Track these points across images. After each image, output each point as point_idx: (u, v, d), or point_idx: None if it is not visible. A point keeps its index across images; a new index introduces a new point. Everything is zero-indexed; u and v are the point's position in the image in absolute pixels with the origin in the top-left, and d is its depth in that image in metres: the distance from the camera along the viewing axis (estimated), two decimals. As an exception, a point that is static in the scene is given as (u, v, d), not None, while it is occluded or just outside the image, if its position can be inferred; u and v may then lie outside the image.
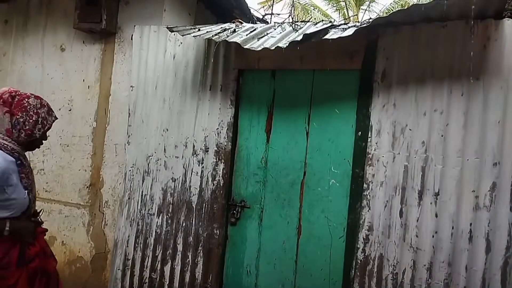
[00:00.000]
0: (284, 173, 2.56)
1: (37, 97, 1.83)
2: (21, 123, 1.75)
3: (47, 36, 3.35)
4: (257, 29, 2.37)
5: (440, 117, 2.15)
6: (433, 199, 2.15)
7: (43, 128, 1.82)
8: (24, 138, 1.77)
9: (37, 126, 1.79)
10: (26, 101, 1.77)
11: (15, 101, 1.75)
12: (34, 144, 1.86)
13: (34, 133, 1.78)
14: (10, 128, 1.74)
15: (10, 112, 1.73)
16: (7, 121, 1.73)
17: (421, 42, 2.21)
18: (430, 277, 2.14)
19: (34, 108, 1.78)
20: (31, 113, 1.77)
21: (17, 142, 1.76)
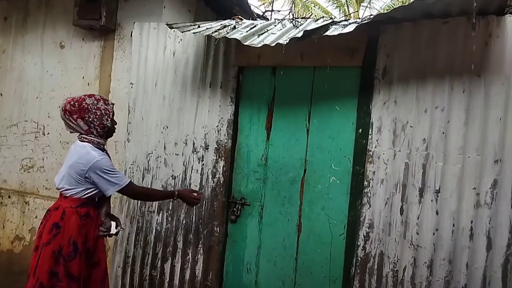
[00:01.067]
0: (285, 170, 2.56)
1: (90, 96, 2.15)
2: (92, 120, 2.10)
3: (46, 33, 3.34)
4: (257, 26, 2.35)
5: (441, 114, 2.14)
6: (434, 196, 2.14)
7: (109, 117, 2.17)
8: (101, 131, 2.14)
9: (104, 117, 2.14)
10: (85, 103, 2.10)
11: (77, 107, 2.09)
12: (110, 132, 2.23)
13: (105, 124, 2.15)
14: (87, 128, 2.10)
15: (80, 117, 2.09)
16: (83, 124, 2.10)
17: (422, 39, 2.19)
18: (430, 275, 2.14)
19: (93, 106, 2.11)
20: (94, 110, 2.11)
21: (99, 136, 2.14)
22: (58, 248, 2.04)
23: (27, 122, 3.40)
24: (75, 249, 2.06)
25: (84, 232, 2.11)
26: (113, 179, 2.08)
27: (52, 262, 2.02)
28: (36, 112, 3.36)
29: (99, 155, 2.07)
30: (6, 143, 3.48)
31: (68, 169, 2.08)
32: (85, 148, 2.08)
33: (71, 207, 2.08)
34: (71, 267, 2.05)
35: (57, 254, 2.04)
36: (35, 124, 3.37)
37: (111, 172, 2.08)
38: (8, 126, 3.48)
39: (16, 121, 3.45)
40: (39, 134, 3.35)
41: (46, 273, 2.02)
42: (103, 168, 2.05)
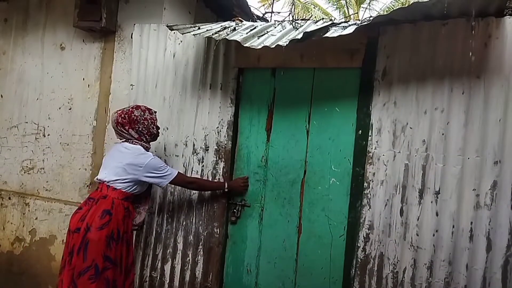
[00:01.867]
0: (285, 171, 2.56)
1: (137, 107, 2.44)
2: (142, 130, 2.41)
3: (47, 35, 3.35)
4: (257, 27, 2.36)
5: (441, 115, 2.14)
6: (433, 197, 2.14)
7: (154, 125, 2.47)
8: (150, 138, 2.48)
9: (151, 126, 2.45)
10: (134, 114, 2.40)
11: (127, 119, 2.39)
12: (155, 137, 2.53)
13: (152, 132, 2.47)
14: (138, 136, 2.42)
15: (131, 127, 2.39)
16: (134, 133, 2.40)
17: (422, 40, 2.20)
18: (430, 276, 2.14)
19: (141, 116, 2.41)
20: (142, 121, 2.41)
21: (147, 141, 2.47)
22: (110, 233, 2.29)
23: (27, 123, 3.40)
24: (118, 236, 2.33)
25: (126, 222, 2.39)
26: (165, 174, 2.40)
27: (106, 246, 2.27)
28: (37, 114, 3.36)
29: (152, 155, 2.40)
30: (7, 145, 3.48)
31: (125, 166, 2.35)
32: (140, 150, 2.40)
33: (118, 198, 2.36)
34: (114, 252, 2.31)
35: (110, 239, 2.28)
36: (36, 126, 3.37)
37: (163, 168, 2.40)
38: (8, 128, 3.48)
39: (16, 122, 3.45)
40: (40, 135, 3.35)
41: (101, 257, 2.26)
42: (157, 166, 2.38)
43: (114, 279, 2.31)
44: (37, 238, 3.28)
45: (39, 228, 3.28)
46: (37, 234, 3.28)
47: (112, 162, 2.41)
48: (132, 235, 2.50)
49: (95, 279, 2.23)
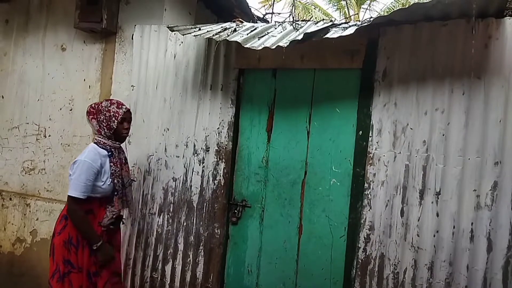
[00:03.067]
0: (285, 172, 2.56)
1: (107, 100, 2.36)
2: (101, 122, 2.29)
3: (47, 36, 3.35)
4: (258, 28, 2.36)
5: (441, 116, 2.15)
6: (434, 198, 2.14)
7: (117, 119, 2.30)
8: (108, 131, 2.30)
9: (112, 119, 2.29)
10: (100, 105, 2.32)
11: (96, 109, 2.31)
12: (118, 135, 2.35)
13: (111, 126, 2.29)
14: (98, 128, 2.31)
15: (94, 118, 2.31)
16: (95, 124, 2.31)
17: (422, 41, 2.20)
18: (431, 277, 2.14)
19: (106, 108, 2.31)
20: (104, 112, 2.30)
21: (107, 137, 2.31)
22: (68, 238, 2.23)
23: (28, 124, 3.41)
24: (77, 241, 2.24)
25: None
26: (72, 183, 2.19)
27: (65, 251, 2.22)
28: (37, 115, 3.37)
29: (87, 157, 2.22)
30: (8, 145, 3.49)
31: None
32: (87, 148, 2.30)
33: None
34: (74, 258, 2.23)
35: (68, 244, 2.22)
36: (36, 127, 3.38)
37: (78, 176, 2.17)
38: (9, 129, 3.49)
39: (17, 123, 3.45)
40: (40, 136, 3.35)
41: (61, 261, 2.23)
42: (74, 167, 2.21)
43: (79, 284, 2.24)
44: (38, 239, 3.28)
45: (40, 229, 3.29)
46: (38, 235, 3.29)
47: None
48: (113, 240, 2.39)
49: (61, 282, 2.23)
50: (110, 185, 2.29)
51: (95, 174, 2.22)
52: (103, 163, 2.27)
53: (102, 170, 2.26)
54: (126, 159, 2.49)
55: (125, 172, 2.42)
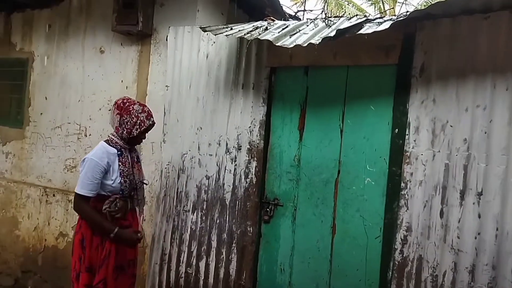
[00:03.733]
0: (318, 171, 2.53)
1: (141, 104, 2.31)
2: (125, 122, 2.25)
3: (87, 39, 3.50)
4: (289, 26, 2.35)
5: (483, 113, 2.04)
6: (476, 199, 2.05)
7: (140, 129, 2.27)
8: (125, 135, 2.27)
9: (135, 126, 2.26)
10: (132, 107, 2.26)
11: (125, 106, 2.25)
12: (135, 140, 2.34)
13: (132, 132, 2.26)
14: (118, 126, 2.27)
15: (120, 114, 2.25)
16: (117, 121, 2.26)
17: (462, 35, 2.11)
18: (472, 280, 2.04)
19: (136, 113, 2.25)
20: (132, 116, 2.25)
21: (121, 137, 2.28)
22: (82, 237, 2.25)
23: (70, 124, 3.57)
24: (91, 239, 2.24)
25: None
26: (80, 180, 2.20)
27: (80, 249, 2.25)
28: (78, 115, 3.52)
29: (94, 155, 2.21)
30: (51, 144, 3.68)
31: None
32: (97, 146, 2.29)
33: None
34: (86, 258, 2.23)
35: (82, 242, 2.25)
36: (78, 126, 3.54)
37: (85, 174, 2.18)
38: (52, 128, 3.67)
39: (59, 123, 3.63)
40: (81, 135, 3.51)
41: (78, 259, 2.26)
42: (82, 165, 2.21)
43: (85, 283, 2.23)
44: (79, 234, 3.44)
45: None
46: (79, 230, 3.44)
47: None
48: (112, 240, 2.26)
49: (76, 282, 2.27)
50: (120, 183, 2.27)
51: (102, 172, 2.20)
52: (112, 162, 2.24)
53: (110, 168, 2.23)
54: (138, 158, 2.46)
55: (136, 171, 2.39)
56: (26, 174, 3.82)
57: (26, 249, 3.72)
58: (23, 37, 3.90)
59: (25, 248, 3.73)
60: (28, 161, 3.81)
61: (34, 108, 3.80)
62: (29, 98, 3.83)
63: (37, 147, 3.76)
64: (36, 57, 3.80)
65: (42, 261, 3.62)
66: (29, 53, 3.84)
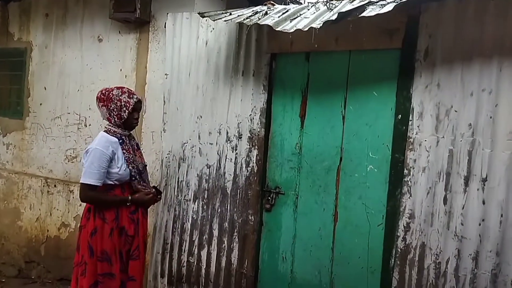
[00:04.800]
0: (320, 159, 2.50)
1: (118, 88, 2.31)
2: (112, 110, 2.26)
3: (85, 28, 3.45)
4: (290, 11, 2.29)
5: (489, 97, 1.99)
6: (480, 185, 2.01)
7: (127, 109, 2.27)
8: (118, 120, 2.27)
9: (123, 109, 2.26)
10: (111, 93, 2.27)
11: (106, 96, 2.27)
12: (128, 123, 2.33)
13: (122, 115, 2.27)
14: (108, 116, 2.28)
15: (105, 105, 2.27)
16: (105, 112, 2.28)
17: (468, 17, 2.04)
18: (476, 267, 2.02)
19: (117, 97, 2.26)
20: (115, 101, 2.25)
21: (116, 125, 2.29)
22: (91, 230, 2.23)
23: (69, 114, 3.55)
24: (102, 228, 2.23)
25: (113, 212, 2.26)
26: (85, 170, 2.20)
27: (91, 241, 2.23)
28: (78, 105, 3.49)
29: (98, 144, 2.22)
30: (51, 135, 3.66)
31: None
32: (98, 136, 2.30)
33: (91, 189, 2.22)
34: (104, 245, 2.23)
35: (91, 235, 2.23)
36: (77, 116, 3.51)
37: (88, 163, 2.19)
38: (52, 119, 3.65)
39: (59, 113, 3.60)
40: (81, 125, 3.48)
41: (87, 251, 2.24)
42: (86, 155, 2.22)
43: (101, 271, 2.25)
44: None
45: (83, 214, 3.43)
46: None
47: None
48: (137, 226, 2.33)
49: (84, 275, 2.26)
50: (126, 170, 2.28)
51: (108, 161, 2.21)
52: (115, 150, 2.26)
53: (115, 157, 2.25)
54: (138, 145, 2.49)
55: (138, 158, 2.41)
56: (27, 165, 3.81)
57: (29, 240, 3.73)
58: (20, 27, 3.85)
59: (28, 238, 3.74)
60: (29, 152, 3.79)
61: (34, 99, 3.77)
62: (28, 88, 3.80)
63: (37, 137, 3.74)
64: (34, 47, 3.76)
65: (45, 251, 3.63)
66: (27, 43, 3.80)
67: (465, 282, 2.04)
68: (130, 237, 2.30)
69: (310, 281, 2.53)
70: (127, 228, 2.29)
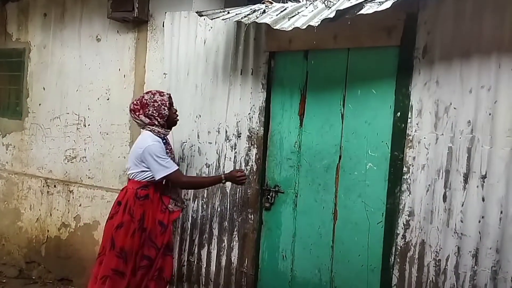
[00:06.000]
0: (319, 157, 2.50)
1: (147, 92, 2.42)
2: (152, 113, 2.35)
3: (83, 27, 3.44)
4: (288, 9, 2.28)
5: (488, 94, 1.99)
6: (479, 182, 2.01)
7: (166, 107, 2.39)
8: (161, 120, 2.38)
9: (161, 107, 2.37)
10: (143, 99, 2.38)
11: (139, 105, 2.38)
12: (171, 120, 2.45)
13: (163, 113, 2.38)
14: (150, 121, 2.37)
15: (142, 113, 2.37)
16: (144, 118, 2.37)
17: (467, 14, 2.04)
18: (476, 264, 2.02)
19: (151, 100, 2.37)
20: (151, 103, 2.36)
21: (160, 125, 2.38)
22: (118, 223, 2.32)
23: (68, 114, 3.54)
24: (129, 225, 2.32)
25: (140, 211, 2.34)
26: (161, 165, 2.29)
27: (113, 234, 2.32)
28: (77, 105, 3.49)
29: (152, 141, 2.32)
30: (50, 135, 3.65)
31: (132, 154, 2.38)
32: (144, 135, 2.38)
33: (133, 188, 2.36)
34: (124, 242, 2.31)
35: (117, 228, 2.32)
36: (76, 116, 3.50)
37: (161, 158, 2.30)
38: (51, 119, 3.64)
39: (58, 113, 3.60)
40: (81, 125, 3.48)
41: (109, 243, 2.33)
42: (154, 153, 2.29)
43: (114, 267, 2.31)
44: (81, 224, 3.44)
45: (83, 214, 3.44)
46: (81, 220, 3.44)
47: (131, 152, 2.46)
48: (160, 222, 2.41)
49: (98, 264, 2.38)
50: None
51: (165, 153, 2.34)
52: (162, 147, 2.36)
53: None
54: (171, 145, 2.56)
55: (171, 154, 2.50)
56: (26, 166, 3.81)
57: (29, 240, 3.74)
58: (19, 27, 3.84)
59: (28, 239, 3.74)
60: (29, 153, 3.79)
61: (33, 99, 3.76)
62: (27, 89, 3.79)
63: (37, 138, 3.74)
64: (33, 47, 3.75)
65: (45, 251, 3.63)
66: (26, 43, 3.80)
67: (465, 279, 2.04)
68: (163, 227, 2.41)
69: (310, 280, 2.53)
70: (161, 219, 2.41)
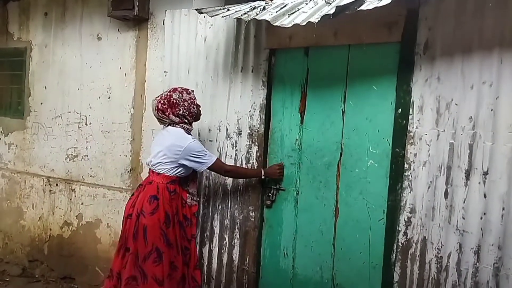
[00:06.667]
0: (320, 154, 2.49)
1: (174, 90, 2.44)
2: (183, 113, 2.42)
3: (84, 26, 3.44)
4: (288, 5, 2.27)
5: (490, 89, 1.97)
6: (481, 178, 2.00)
7: (194, 104, 2.46)
8: (192, 119, 2.48)
9: (191, 106, 2.45)
10: (173, 98, 2.41)
11: (167, 103, 2.40)
12: (198, 116, 2.54)
13: (193, 112, 2.46)
14: (179, 119, 2.43)
15: (171, 112, 2.41)
16: (174, 117, 2.42)
17: (468, 9, 2.02)
18: (478, 261, 2.01)
19: (179, 98, 2.41)
20: (181, 103, 2.41)
21: (189, 123, 2.48)
22: (163, 217, 2.39)
23: (70, 113, 3.55)
24: (168, 219, 2.41)
25: (174, 205, 2.46)
26: (204, 159, 2.40)
27: (161, 230, 2.38)
28: (78, 103, 3.49)
29: (192, 138, 2.41)
30: (52, 134, 3.66)
31: (164, 150, 2.41)
32: (178, 133, 2.42)
33: (162, 182, 2.43)
34: (168, 235, 2.41)
35: (162, 223, 2.39)
36: (78, 115, 3.51)
37: (203, 152, 2.40)
38: (53, 118, 3.65)
39: (60, 112, 3.61)
40: (82, 124, 3.48)
41: (159, 240, 2.38)
42: (196, 149, 2.38)
43: (171, 260, 2.42)
44: (84, 222, 3.45)
45: (85, 213, 3.45)
46: (84, 218, 3.45)
47: (156, 147, 2.49)
48: (185, 216, 2.58)
49: (159, 261, 2.37)
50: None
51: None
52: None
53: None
54: None
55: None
56: (29, 164, 3.82)
57: (32, 239, 3.75)
58: (20, 26, 3.85)
59: (31, 237, 3.75)
60: (31, 151, 3.80)
61: (34, 98, 3.77)
62: (28, 88, 3.80)
63: (38, 137, 3.75)
64: (34, 46, 3.75)
65: (48, 250, 3.65)
66: (27, 42, 3.80)
67: (467, 276, 2.03)
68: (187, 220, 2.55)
69: (312, 277, 2.53)
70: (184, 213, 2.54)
